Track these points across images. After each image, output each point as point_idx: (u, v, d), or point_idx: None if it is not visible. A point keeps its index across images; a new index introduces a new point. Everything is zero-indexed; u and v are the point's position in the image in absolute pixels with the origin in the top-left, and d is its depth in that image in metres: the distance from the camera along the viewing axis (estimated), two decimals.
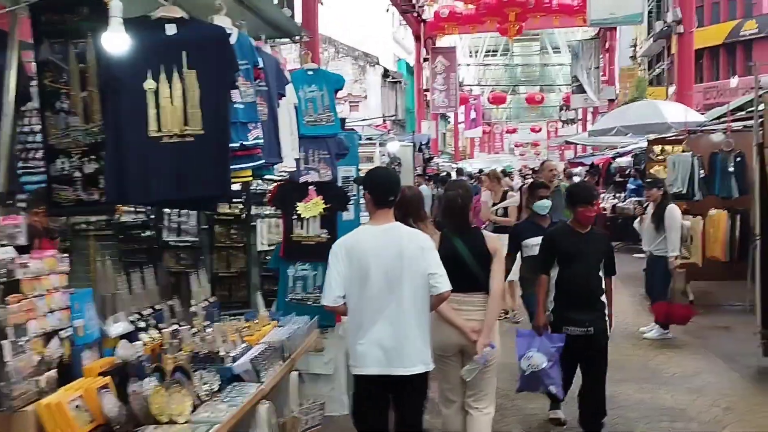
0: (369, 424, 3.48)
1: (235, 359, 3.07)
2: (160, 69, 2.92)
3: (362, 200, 8.27)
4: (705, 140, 8.78)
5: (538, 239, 5.04)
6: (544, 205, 5.62)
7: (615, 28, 30.80)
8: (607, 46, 31.70)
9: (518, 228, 6.00)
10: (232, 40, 3.06)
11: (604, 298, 4.60)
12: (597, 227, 5.11)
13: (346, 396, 4.74)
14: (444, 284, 3.32)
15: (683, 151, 8.46)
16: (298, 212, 4.53)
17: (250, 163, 3.19)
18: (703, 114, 12.94)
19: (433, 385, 4.00)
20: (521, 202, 7.82)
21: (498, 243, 4.03)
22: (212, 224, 5.09)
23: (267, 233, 5.05)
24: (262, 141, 3.22)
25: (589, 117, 35.51)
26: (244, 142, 3.12)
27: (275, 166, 3.71)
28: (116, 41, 2.82)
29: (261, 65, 3.24)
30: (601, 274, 4.57)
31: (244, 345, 3.30)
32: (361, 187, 4.43)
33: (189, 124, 2.92)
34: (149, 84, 2.91)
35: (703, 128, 9.23)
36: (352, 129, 7.21)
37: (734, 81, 26.46)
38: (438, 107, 31.87)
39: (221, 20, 3.17)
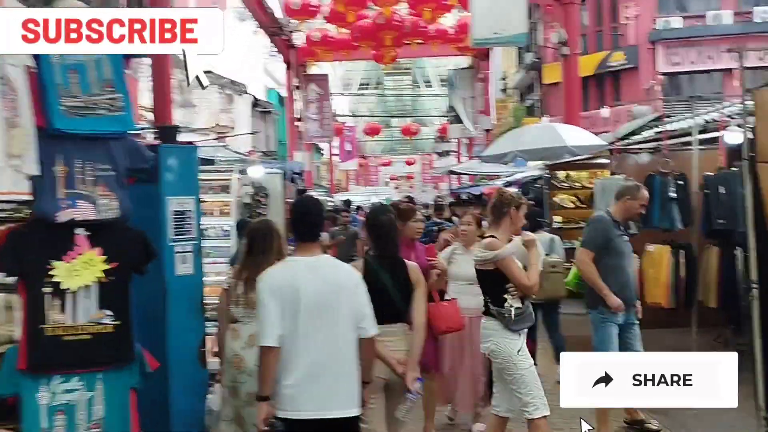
0: None
1: None
2: None
3: (204, 243, 6.15)
4: (632, 162, 7.42)
5: None
6: None
7: (488, 58, 30.49)
8: (481, 75, 31.27)
9: None
10: None
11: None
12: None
13: None
14: (372, 327, 3.21)
15: (612, 174, 7.00)
16: (54, 280, 2.37)
17: None
18: None
19: None
20: None
21: (420, 273, 3.92)
22: None
23: None
24: None
25: (464, 149, 35.02)
26: None
27: None
28: None
29: None
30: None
31: None
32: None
33: None
34: None
35: (630, 148, 7.88)
36: (190, 142, 5.12)
37: (605, 111, 26.63)
38: (312, 137, 30.08)
39: None
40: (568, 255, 10.50)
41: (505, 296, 4.14)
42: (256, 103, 31.51)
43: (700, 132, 7.07)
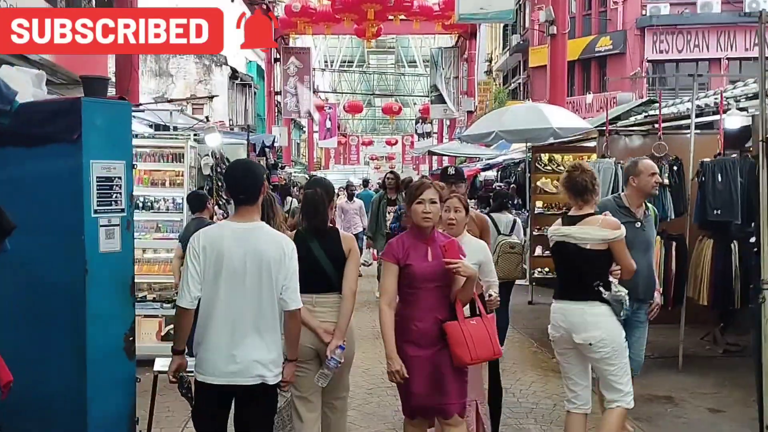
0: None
1: None
2: None
3: (155, 217, 5.62)
4: (622, 145, 6.88)
5: None
6: None
7: (474, 37, 29.86)
8: (465, 55, 30.65)
9: None
10: None
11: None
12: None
13: None
14: (293, 301, 3.24)
15: (602, 157, 6.45)
16: None
17: None
18: None
19: None
20: None
21: (353, 243, 3.89)
22: None
23: None
24: None
25: (446, 131, 34.46)
26: None
27: None
28: None
29: None
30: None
31: None
32: None
33: None
34: None
35: (621, 129, 7.35)
36: (122, 98, 4.46)
37: (589, 97, 26.20)
38: (290, 112, 29.35)
39: None
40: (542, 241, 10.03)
41: (611, 280, 3.84)
42: (234, 75, 30.60)
43: (697, 116, 6.55)
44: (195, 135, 7.09)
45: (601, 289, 3.78)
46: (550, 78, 15.38)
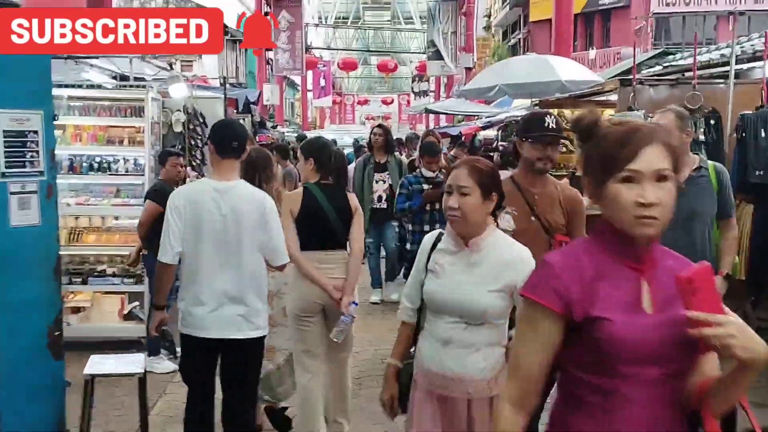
0: (197, 384, 3.38)
1: None
2: None
3: (112, 181, 4.58)
4: (647, 96, 6.05)
5: None
6: None
7: None
8: (464, 9, 29.45)
9: None
10: None
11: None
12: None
13: None
14: (280, 257, 3.35)
15: (629, 109, 5.62)
16: None
17: None
18: None
19: None
20: None
21: (357, 201, 3.96)
22: None
23: None
24: None
25: (443, 89, 33.41)
26: None
27: None
28: None
29: None
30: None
31: None
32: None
33: None
34: None
35: (647, 79, 6.51)
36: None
37: (593, 53, 25.28)
38: (282, 69, 28.25)
39: None
40: None
41: None
42: (225, 30, 29.40)
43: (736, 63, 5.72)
44: (165, 86, 6.22)
45: None
46: (555, 30, 14.41)
